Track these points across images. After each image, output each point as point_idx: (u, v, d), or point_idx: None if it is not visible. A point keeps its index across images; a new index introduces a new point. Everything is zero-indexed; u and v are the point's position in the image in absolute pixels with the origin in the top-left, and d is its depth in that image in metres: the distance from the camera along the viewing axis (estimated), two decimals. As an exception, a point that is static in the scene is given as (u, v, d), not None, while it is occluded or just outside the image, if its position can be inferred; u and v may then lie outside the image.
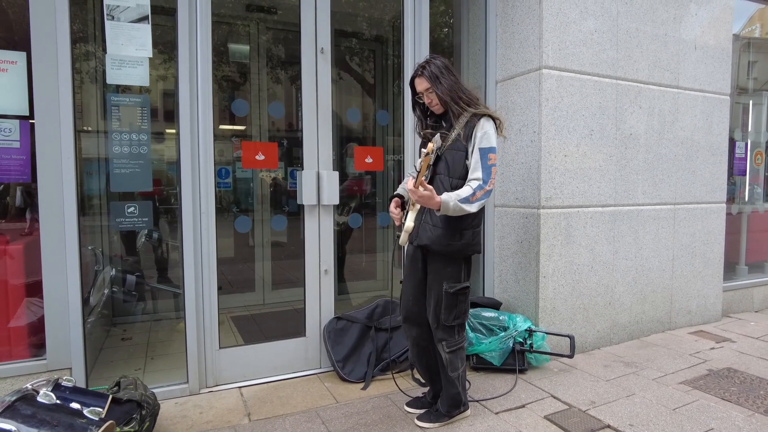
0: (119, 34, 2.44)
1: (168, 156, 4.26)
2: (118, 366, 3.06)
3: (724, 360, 3.17)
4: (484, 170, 2.06)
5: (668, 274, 3.67)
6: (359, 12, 4.91)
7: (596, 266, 3.32)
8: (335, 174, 2.94)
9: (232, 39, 4.70)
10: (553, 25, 3.06)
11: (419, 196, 1.93)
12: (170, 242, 4.52)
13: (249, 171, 4.62)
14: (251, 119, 4.79)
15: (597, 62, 3.23)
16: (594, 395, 2.66)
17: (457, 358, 2.29)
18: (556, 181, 3.13)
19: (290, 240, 4.81)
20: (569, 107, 3.14)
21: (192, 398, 2.63)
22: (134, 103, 2.52)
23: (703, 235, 3.86)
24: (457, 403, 2.36)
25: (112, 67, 2.44)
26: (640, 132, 3.46)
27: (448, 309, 2.20)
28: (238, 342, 3.20)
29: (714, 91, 3.82)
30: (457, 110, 2.16)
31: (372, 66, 5.26)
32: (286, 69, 5.03)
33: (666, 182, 3.62)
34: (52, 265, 2.35)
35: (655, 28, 3.47)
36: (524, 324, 3.01)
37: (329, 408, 2.53)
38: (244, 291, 4.60)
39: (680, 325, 3.79)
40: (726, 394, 2.67)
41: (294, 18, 2.91)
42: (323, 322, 3.01)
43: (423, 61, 2.22)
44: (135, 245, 4.26)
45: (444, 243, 2.16)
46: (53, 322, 2.38)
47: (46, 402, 1.44)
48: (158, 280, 4.31)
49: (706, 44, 3.74)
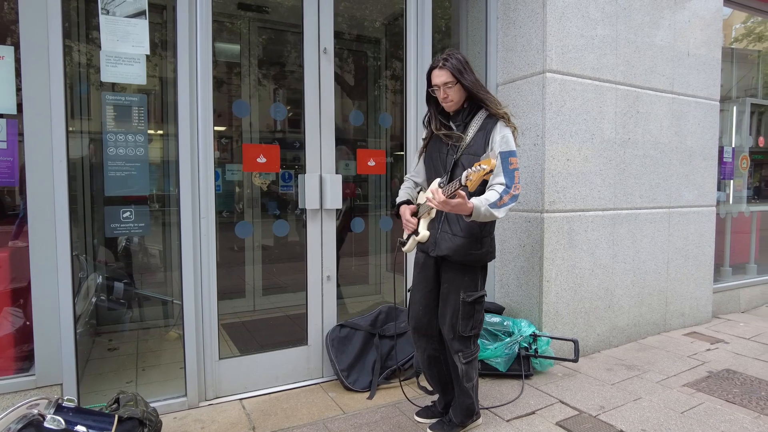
0: (115, 29, 2.31)
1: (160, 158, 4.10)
2: (107, 379, 2.91)
3: (722, 361, 3.21)
4: (506, 175, 2.00)
5: (663, 276, 3.72)
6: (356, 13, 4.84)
7: (597, 270, 3.33)
8: (338, 177, 2.86)
9: (223, 38, 4.56)
10: (557, 29, 3.06)
11: (452, 205, 1.86)
12: (152, 247, 4.35)
13: (239, 174, 4.49)
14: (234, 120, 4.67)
15: (598, 66, 3.24)
16: (602, 400, 2.65)
17: (472, 368, 2.23)
18: (559, 185, 3.12)
19: (283, 244, 4.70)
20: (571, 111, 3.14)
21: (192, 412, 2.51)
22: (130, 102, 2.39)
23: (696, 237, 3.92)
24: (471, 413, 2.31)
25: (107, 64, 2.31)
26: (638, 136, 3.49)
27: (466, 319, 2.15)
28: (233, 352, 3.08)
29: (705, 96, 3.89)
30: (488, 104, 2.10)
31: (365, 67, 5.20)
32: (281, 69, 4.92)
33: (662, 186, 3.66)
34: (42, 272, 2.20)
35: (651, 35, 3.51)
36: (529, 329, 2.98)
37: (337, 419, 2.45)
38: (233, 297, 4.46)
39: (674, 327, 3.84)
40: (729, 396, 2.70)
41: (290, 18, 2.83)
42: (326, 329, 2.92)
43: (444, 54, 2.12)
44: (116, 250, 4.08)
45: (465, 252, 2.10)
46: (43, 335, 2.23)
47: (54, 428, 1.33)
48: (143, 286, 4.14)
49: (697, 51, 3.81)
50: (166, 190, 4.13)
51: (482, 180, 1.86)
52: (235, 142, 4.93)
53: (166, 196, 4.12)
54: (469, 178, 1.78)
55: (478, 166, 1.77)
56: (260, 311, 4.40)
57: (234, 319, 4.03)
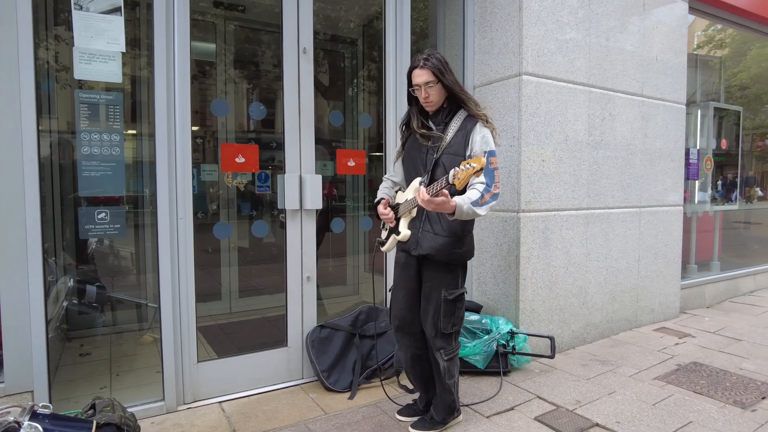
0: (89, 25, 2.25)
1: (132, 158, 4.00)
2: (80, 385, 2.82)
3: (689, 355, 3.34)
4: (487, 174, 2.03)
5: (635, 274, 3.84)
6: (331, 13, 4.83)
7: (571, 268, 3.41)
8: (318, 178, 2.85)
9: (198, 37, 4.49)
10: (533, 33, 3.12)
11: (436, 203, 1.88)
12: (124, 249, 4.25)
13: (214, 174, 4.42)
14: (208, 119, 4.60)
15: (571, 69, 3.33)
16: (578, 394, 2.72)
17: (454, 365, 2.26)
18: (535, 186, 3.19)
19: (259, 246, 4.65)
20: (546, 113, 3.22)
21: (170, 416, 2.46)
22: (105, 101, 2.33)
23: (665, 236, 4.06)
24: (452, 410, 2.34)
25: (80, 61, 2.25)
26: (610, 138, 3.59)
27: (447, 316, 2.17)
28: (210, 355, 3.03)
29: (672, 100, 4.04)
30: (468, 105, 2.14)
31: (340, 68, 5.20)
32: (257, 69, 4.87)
33: (633, 186, 3.78)
34: (12, 276, 2.12)
35: (622, 39, 3.62)
36: (506, 326, 3.04)
37: (318, 420, 2.44)
38: (209, 300, 4.38)
39: (645, 323, 3.96)
40: (697, 388, 2.80)
41: (268, 18, 2.81)
42: (306, 330, 2.91)
43: (425, 54, 2.14)
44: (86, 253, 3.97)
45: (448, 251, 2.13)
46: (13, 341, 2.15)
47: (31, 433, 1.29)
48: (114, 289, 4.03)
49: (664, 56, 3.95)
50: (138, 191, 4.04)
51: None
52: (208, 142, 4.86)
53: (139, 198, 4.03)
54: (457, 176, 1.80)
55: (467, 164, 1.79)
56: (237, 314, 4.34)
57: (210, 322, 3.97)
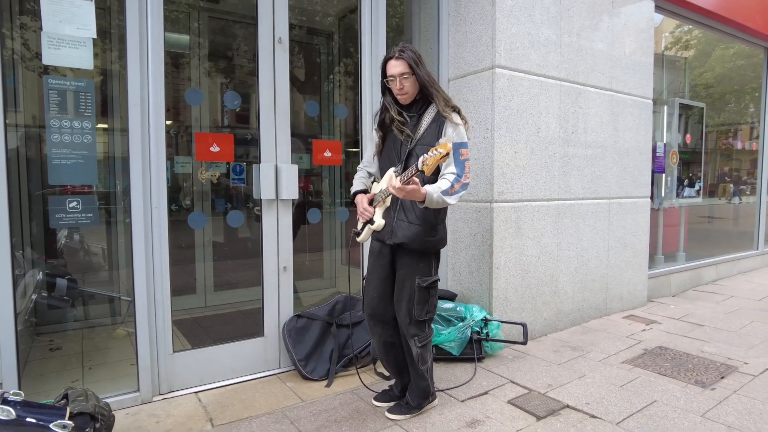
0: (58, 9, 2.21)
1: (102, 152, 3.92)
2: (50, 379, 2.77)
3: (655, 340, 3.47)
4: (457, 165, 2.09)
5: (604, 263, 3.96)
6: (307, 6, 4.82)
7: (543, 257, 3.50)
8: (294, 167, 2.86)
9: (170, 28, 4.42)
10: (505, 26, 3.19)
11: (407, 191, 1.92)
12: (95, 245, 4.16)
13: (188, 166, 4.36)
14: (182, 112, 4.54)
15: (543, 64, 3.41)
16: (550, 378, 2.80)
17: (427, 351, 2.31)
18: (507, 177, 3.26)
19: (234, 240, 4.62)
20: (519, 106, 3.29)
21: (145, 407, 2.44)
22: (76, 87, 2.29)
23: (633, 227, 4.20)
24: (427, 394, 2.38)
25: (49, 46, 2.20)
26: (580, 131, 3.69)
27: (421, 303, 2.22)
28: (186, 347, 3.01)
29: (640, 95, 4.17)
30: (436, 100, 2.17)
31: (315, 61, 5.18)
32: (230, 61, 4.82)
33: (602, 178, 3.89)
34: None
35: (592, 37, 3.73)
36: (480, 314, 3.10)
37: (295, 407, 2.46)
38: (183, 294, 4.34)
39: (614, 311, 4.09)
40: (662, 370, 2.92)
41: (245, 9, 2.79)
42: (282, 320, 2.91)
43: (399, 46, 2.18)
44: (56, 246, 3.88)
45: (422, 240, 2.17)
46: (-20, 332, 2.11)
47: (3, 418, 1.26)
48: (85, 283, 3.95)
49: (633, 53, 4.08)
50: (110, 186, 3.97)
51: (437, 166, 1.93)
52: (182, 137, 4.79)
53: (111, 193, 3.96)
54: (426, 162, 1.85)
55: (435, 150, 1.84)
56: (212, 307, 4.30)
57: (185, 316, 3.93)
